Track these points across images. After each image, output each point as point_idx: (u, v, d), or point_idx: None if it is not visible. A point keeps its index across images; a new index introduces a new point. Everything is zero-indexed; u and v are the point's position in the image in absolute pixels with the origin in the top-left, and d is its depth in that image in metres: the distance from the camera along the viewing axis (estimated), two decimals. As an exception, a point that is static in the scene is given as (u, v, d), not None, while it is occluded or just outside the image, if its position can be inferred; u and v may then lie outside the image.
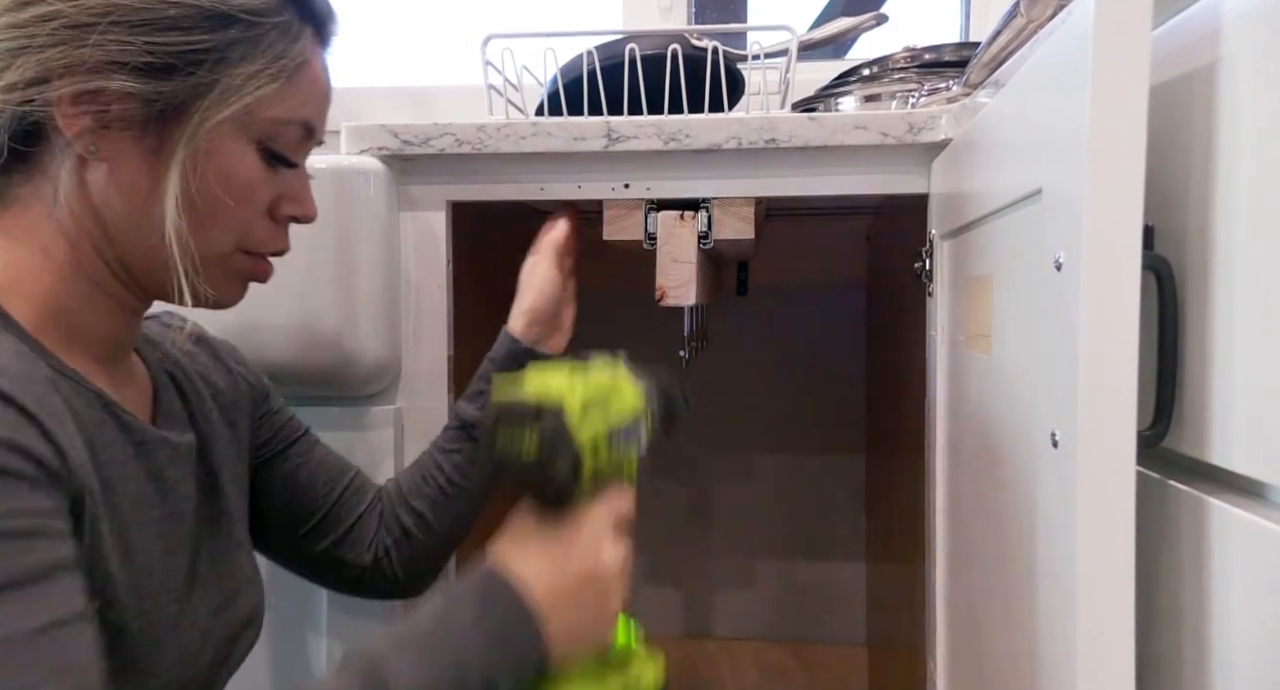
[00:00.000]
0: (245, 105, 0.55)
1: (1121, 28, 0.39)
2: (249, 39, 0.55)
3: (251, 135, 0.57)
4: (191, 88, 0.54)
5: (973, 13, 1.40)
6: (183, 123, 0.54)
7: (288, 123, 0.58)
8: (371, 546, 0.77)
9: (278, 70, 0.56)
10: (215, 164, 0.56)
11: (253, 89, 0.55)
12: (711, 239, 0.87)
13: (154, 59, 0.52)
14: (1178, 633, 0.45)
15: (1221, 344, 0.42)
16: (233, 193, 0.57)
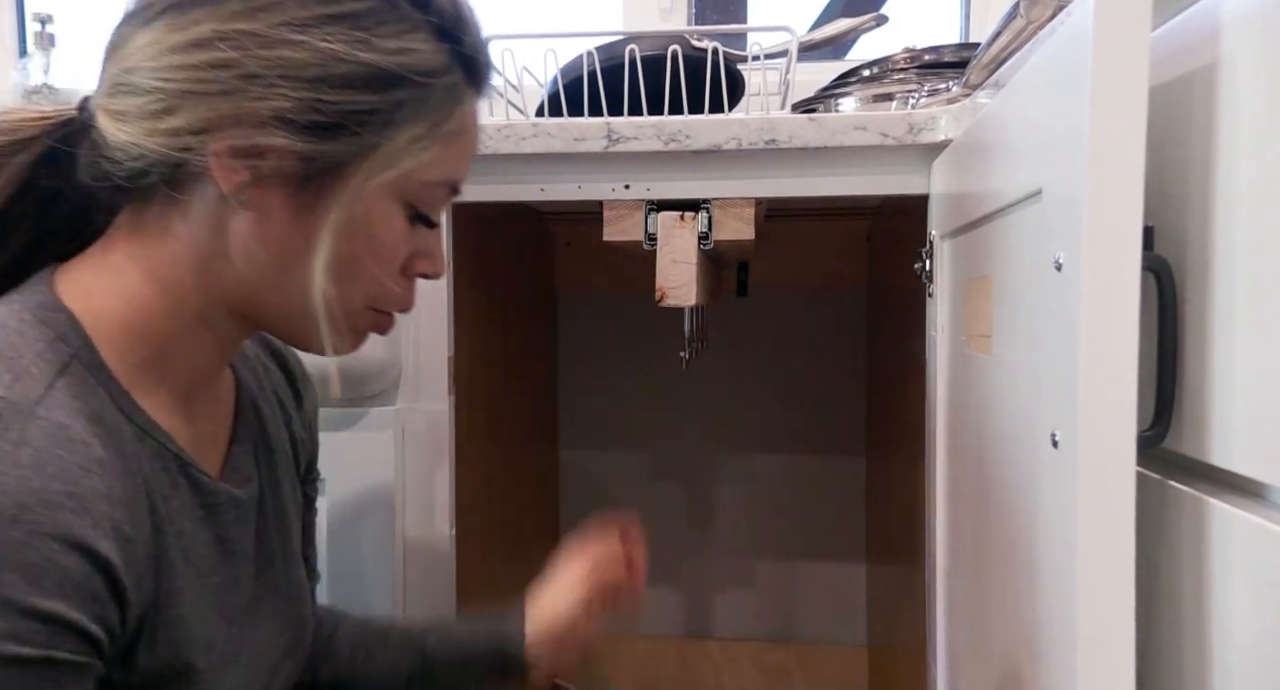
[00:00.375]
0: (406, 171, 0.53)
1: (1121, 28, 0.39)
2: (415, 100, 0.52)
3: (401, 197, 0.54)
4: (353, 149, 0.51)
5: (972, 14, 1.40)
6: (339, 184, 0.52)
7: (439, 184, 0.56)
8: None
9: (439, 135, 0.54)
10: (363, 224, 0.53)
11: (414, 153, 0.53)
12: (711, 240, 0.87)
13: (320, 117, 0.50)
14: (1178, 633, 0.45)
15: (1221, 344, 0.42)
16: (375, 254, 0.55)
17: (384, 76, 0.51)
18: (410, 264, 0.58)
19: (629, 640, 1.60)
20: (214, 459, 0.59)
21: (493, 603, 0.77)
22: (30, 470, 0.44)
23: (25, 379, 0.47)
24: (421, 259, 0.58)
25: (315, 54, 0.49)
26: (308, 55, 0.49)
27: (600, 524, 0.78)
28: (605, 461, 1.60)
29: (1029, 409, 0.50)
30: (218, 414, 0.61)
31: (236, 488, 0.59)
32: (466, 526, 0.99)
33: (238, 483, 0.60)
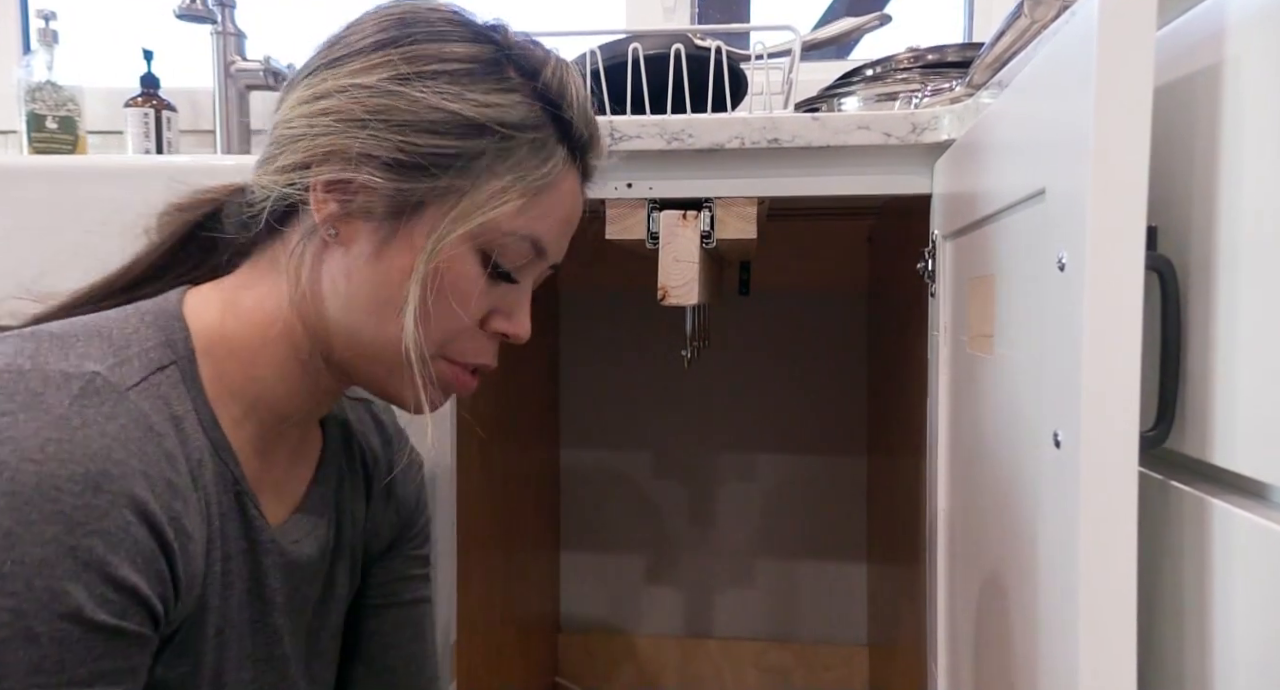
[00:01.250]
0: (487, 220, 0.55)
1: (1126, 28, 0.39)
2: (499, 151, 0.54)
3: (480, 245, 0.56)
4: (433, 190, 0.54)
5: (976, 13, 1.40)
6: (418, 224, 0.54)
7: (517, 237, 0.56)
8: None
9: (524, 188, 0.55)
10: (439, 269, 0.55)
11: (493, 202, 0.54)
12: (714, 239, 0.87)
13: (404, 157, 0.53)
14: (1180, 633, 0.45)
15: (1224, 345, 0.42)
16: (448, 299, 0.55)
17: (469, 125, 0.54)
18: (489, 319, 0.59)
19: (631, 639, 1.60)
20: (278, 509, 0.60)
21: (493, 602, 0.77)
22: (115, 441, 0.46)
23: (126, 366, 0.51)
24: (501, 316, 0.59)
25: (410, 102, 0.53)
26: (404, 103, 0.53)
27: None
28: (606, 460, 1.60)
29: (1031, 409, 0.50)
30: (296, 470, 0.62)
31: (287, 541, 0.60)
32: (467, 525, 0.99)
33: (290, 539, 0.60)
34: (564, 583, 1.62)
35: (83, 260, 0.92)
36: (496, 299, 0.58)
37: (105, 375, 0.49)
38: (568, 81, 0.58)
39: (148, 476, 0.47)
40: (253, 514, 0.56)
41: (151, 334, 0.54)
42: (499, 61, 0.56)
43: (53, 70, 1.30)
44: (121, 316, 0.55)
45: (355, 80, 0.54)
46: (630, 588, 1.61)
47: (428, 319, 0.55)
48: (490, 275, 0.56)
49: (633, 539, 1.60)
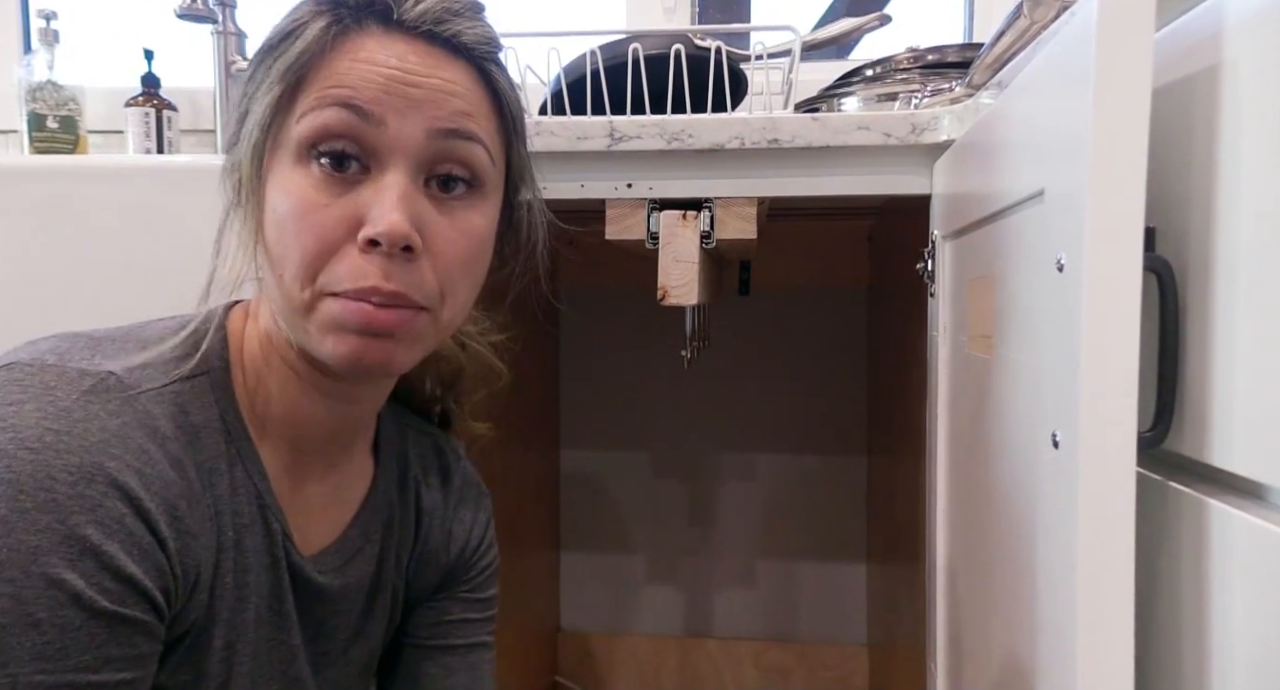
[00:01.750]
0: (265, 122, 0.51)
1: (1124, 30, 0.39)
2: (265, 65, 0.52)
3: (293, 153, 0.51)
4: (242, 124, 0.53)
5: (976, 14, 1.40)
6: (248, 173, 0.53)
7: (315, 111, 0.50)
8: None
9: (280, 71, 0.51)
10: (271, 199, 0.52)
11: (269, 102, 0.51)
12: (714, 239, 0.87)
13: (238, 123, 0.54)
14: (1177, 633, 0.45)
15: (1222, 346, 0.42)
16: (286, 226, 0.50)
17: (256, 60, 0.53)
18: (351, 231, 0.51)
19: (630, 638, 1.60)
20: (314, 538, 0.59)
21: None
22: (114, 437, 0.47)
23: (147, 370, 0.51)
24: (358, 221, 0.51)
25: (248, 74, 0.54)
26: (245, 78, 0.54)
27: None
28: (606, 460, 1.60)
29: (1030, 409, 0.50)
30: (340, 500, 0.61)
31: (319, 572, 0.58)
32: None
33: (323, 569, 0.59)
34: (563, 582, 1.62)
35: (83, 260, 0.92)
36: (350, 206, 0.50)
37: (121, 376, 0.49)
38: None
39: (142, 474, 0.47)
40: (275, 529, 0.55)
41: (187, 342, 0.53)
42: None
43: (53, 70, 1.30)
44: (166, 325, 0.55)
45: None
46: (630, 587, 1.61)
47: (282, 256, 0.50)
48: (322, 180, 0.50)
49: (632, 539, 1.60)
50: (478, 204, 0.54)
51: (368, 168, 0.51)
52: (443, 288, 0.53)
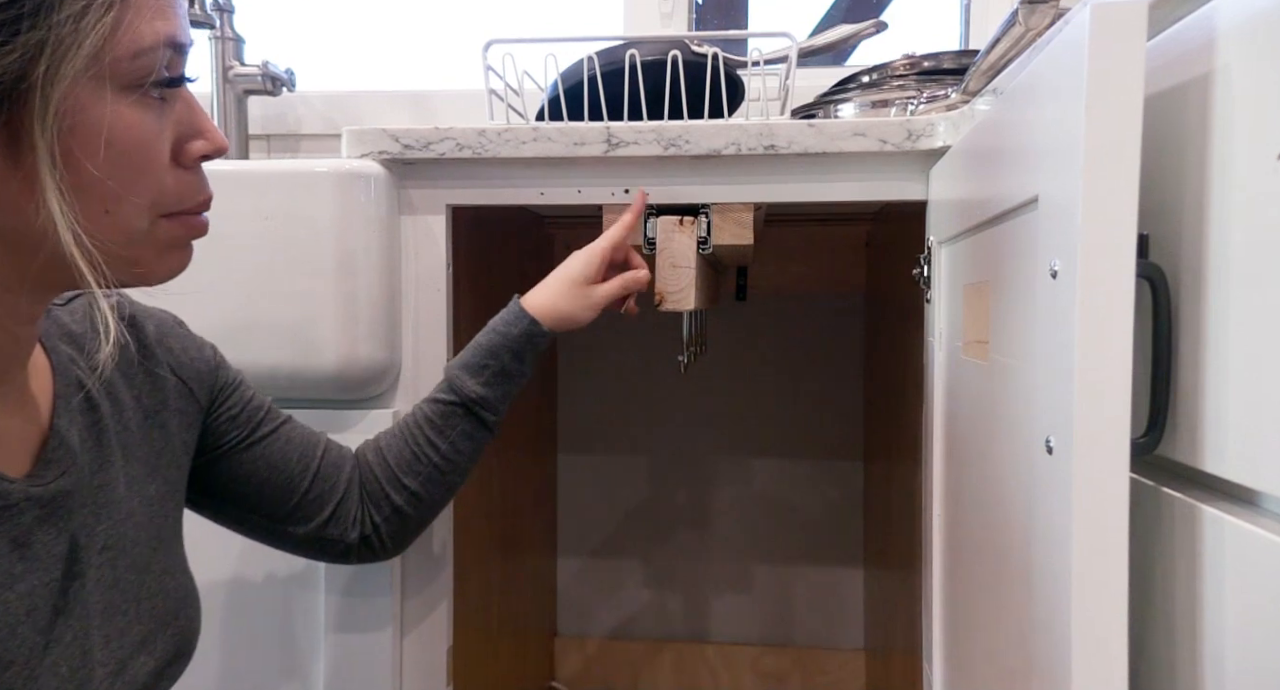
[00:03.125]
0: (89, 53, 0.45)
1: (1117, 37, 0.40)
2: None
3: (116, 84, 0.47)
4: (17, 56, 0.44)
5: (972, 21, 1.41)
6: (26, 102, 0.44)
7: (149, 50, 0.47)
8: (357, 524, 0.76)
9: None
10: (90, 136, 0.46)
11: (88, 30, 0.45)
12: (710, 244, 0.87)
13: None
14: (1171, 639, 0.45)
15: (1215, 352, 0.42)
16: (125, 162, 0.48)
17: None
18: (181, 152, 0.52)
19: (627, 643, 1.60)
20: (22, 455, 0.54)
21: (490, 606, 0.77)
22: None
23: None
24: (192, 141, 0.52)
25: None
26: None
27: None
28: (603, 465, 1.60)
29: (1024, 415, 0.50)
30: (29, 404, 0.55)
31: (42, 485, 0.53)
32: (464, 529, 0.99)
33: (48, 478, 0.54)
34: (560, 586, 1.62)
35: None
36: (176, 127, 0.51)
37: None
38: None
39: None
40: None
41: None
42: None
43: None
44: None
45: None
46: (627, 592, 1.61)
47: (122, 194, 0.48)
48: (151, 108, 0.49)
49: (629, 543, 1.60)
50: None
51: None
52: None
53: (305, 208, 0.84)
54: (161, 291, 0.57)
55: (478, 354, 0.80)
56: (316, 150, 1.42)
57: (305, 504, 0.74)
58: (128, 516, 0.60)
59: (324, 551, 0.77)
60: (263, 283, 0.84)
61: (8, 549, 0.51)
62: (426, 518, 0.80)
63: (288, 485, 0.73)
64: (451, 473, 0.79)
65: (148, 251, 0.51)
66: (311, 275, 0.84)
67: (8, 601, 0.50)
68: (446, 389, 0.79)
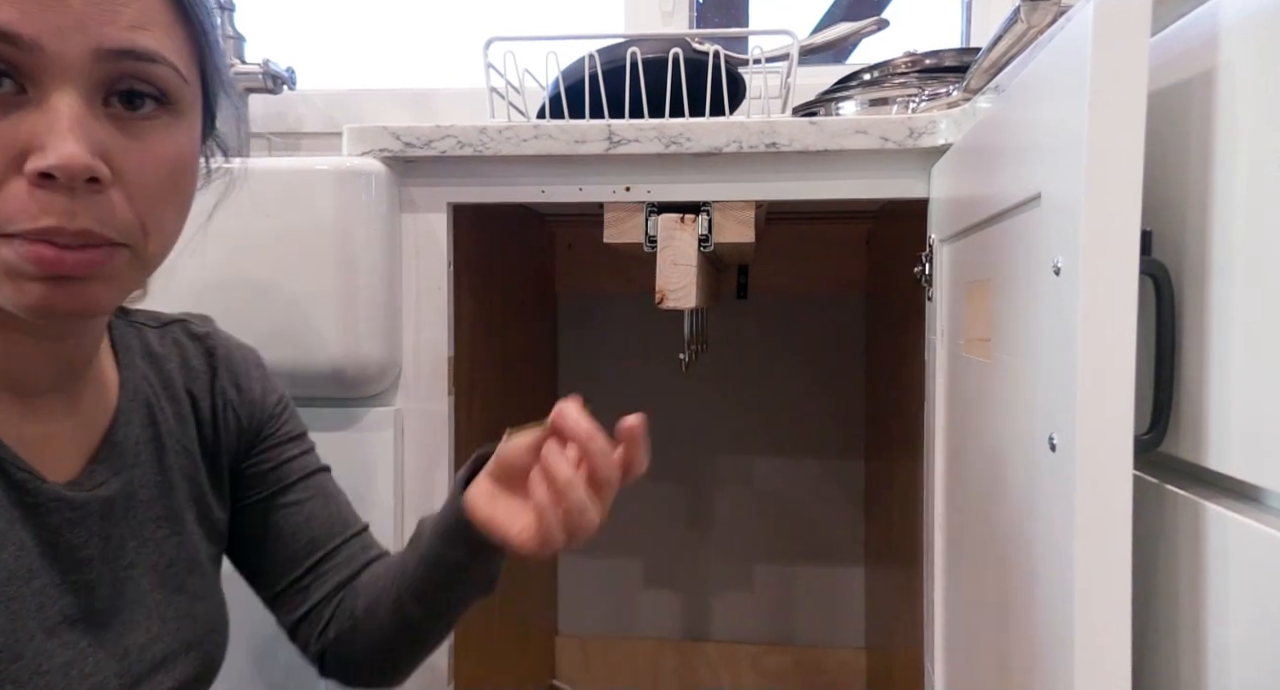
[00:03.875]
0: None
1: (1120, 34, 0.40)
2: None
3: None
4: None
5: (974, 18, 1.40)
6: None
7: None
8: (316, 639, 0.69)
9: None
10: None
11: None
12: (712, 242, 0.87)
13: None
14: (1174, 636, 0.45)
15: (1218, 349, 0.42)
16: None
17: None
18: (18, 164, 0.44)
19: (628, 642, 1.60)
20: (70, 461, 0.55)
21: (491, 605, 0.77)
22: None
23: None
24: (34, 153, 0.44)
25: None
26: None
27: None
28: (604, 463, 1.59)
29: (1027, 412, 0.50)
30: (85, 415, 0.57)
31: (79, 491, 0.54)
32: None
33: (86, 487, 0.55)
34: (561, 585, 1.62)
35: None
36: (12, 133, 0.44)
37: None
38: None
39: None
40: (17, 477, 0.51)
41: None
42: None
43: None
44: None
45: None
46: (628, 591, 1.61)
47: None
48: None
49: (630, 542, 1.60)
50: (172, 124, 0.49)
51: (24, 88, 0.44)
52: (143, 220, 0.48)
53: (306, 206, 0.84)
54: (161, 293, 0.57)
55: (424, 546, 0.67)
56: (317, 148, 1.42)
57: (293, 592, 0.68)
58: (164, 538, 0.61)
59: (299, 647, 0.70)
60: (263, 280, 0.84)
61: (32, 543, 0.51)
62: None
63: (285, 562, 0.68)
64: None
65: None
66: (312, 273, 0.84)
67: (23, 595, 0.51)
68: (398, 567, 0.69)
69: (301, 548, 0.68)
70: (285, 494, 0.68)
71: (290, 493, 0.68)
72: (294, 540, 0.68)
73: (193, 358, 0.66)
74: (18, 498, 0.51)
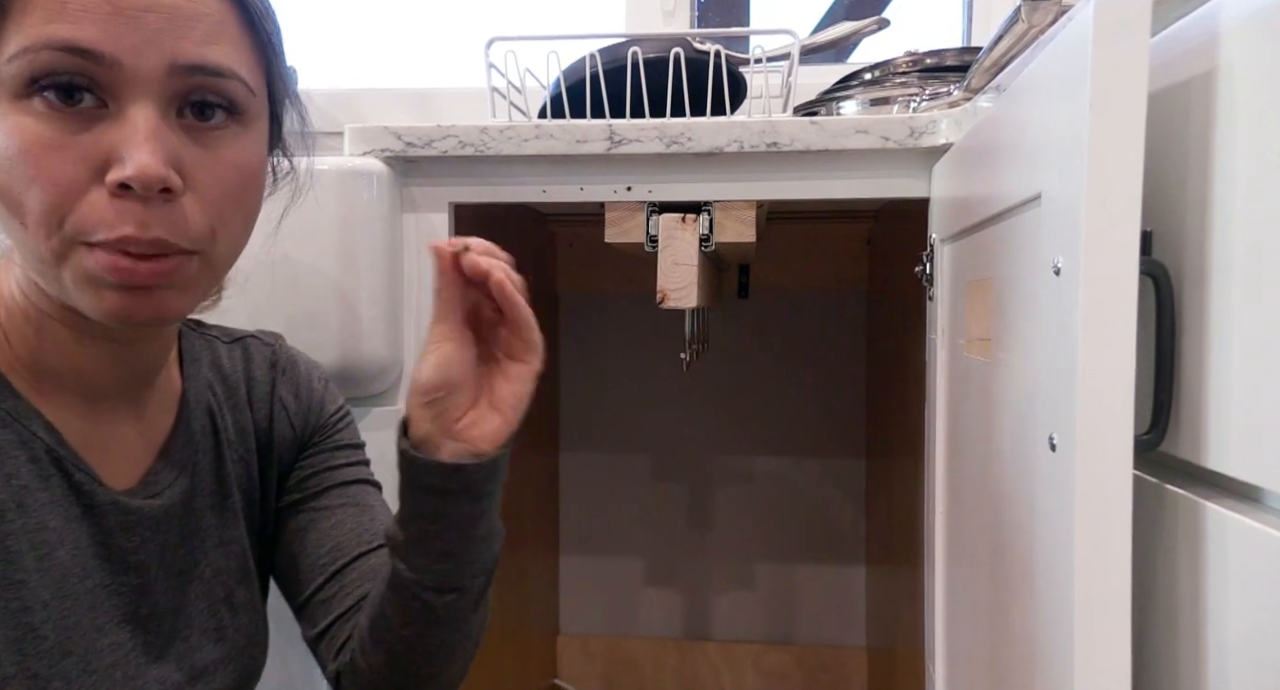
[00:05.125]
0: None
1: (1120, 34, 0.40)
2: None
3: (7, 90, 0.45)
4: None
5: (975, 18, 1.40)
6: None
7: (30, 51, 0.44)
8: (335, 657, 0.64)
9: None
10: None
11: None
12: (713, 242, 0.87)
13: None
14: (1174, 636, 0.45)
15: (1218, 349, 0.42)
16: (16, 171, 0.45)
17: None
18: (100, 174, 0.46)
19: (630, 641, 1.60)
20: (130, 467, 0.56)
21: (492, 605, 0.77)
22: None
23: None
24: (114, 165, 0.46)
25: None
26: None
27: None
28: (605, 463, 1.60)
29: (1027, 412, 0.50)
30: (148, 422, 0.58)
31: (136, 498, 0.55)
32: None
33: (142, 495, 0.56)
34: (563, 585, 1.62)
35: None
36: (95, 146, 0.46)
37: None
38: None
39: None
40: (78, 478, 0.52)
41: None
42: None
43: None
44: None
45: None
46: (629, 590, 1.61)
47: (26, 209, 0.45)
48: (53, 119, 0.45)
49: (632, 541, 1.60)
50: (241, 133, 0.51)
51: (105, 102, 0.46)
52: (213, 226, 0.49)
53: (307, 205, 0.84)
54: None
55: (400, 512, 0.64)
56: (319, 148, 1.42)
57: (315, 604, 0.65)
58: (214, 548, 0.61)
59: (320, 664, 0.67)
60: (265, 280, 0.84)
61: (88, 543, 0.53)
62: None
63: (308, 569, 0.65)
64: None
65: (67, 279, 0.47)
66: (313, 273, 0.84)
67: (77, 593, 0.52)
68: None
69: (325, 554, 0.65)
70: (318, 499, 0.66)
71: (324, 498, 0.66)
72: (318, 546, 0.65)
73: (257, 368, 0.66)
74: (76, 498, 0.52)
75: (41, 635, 0.49)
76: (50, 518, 0.51)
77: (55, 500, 0.51)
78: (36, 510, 0.50)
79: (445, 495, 0.57)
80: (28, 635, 0.49)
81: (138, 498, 0.55)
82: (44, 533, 0.50)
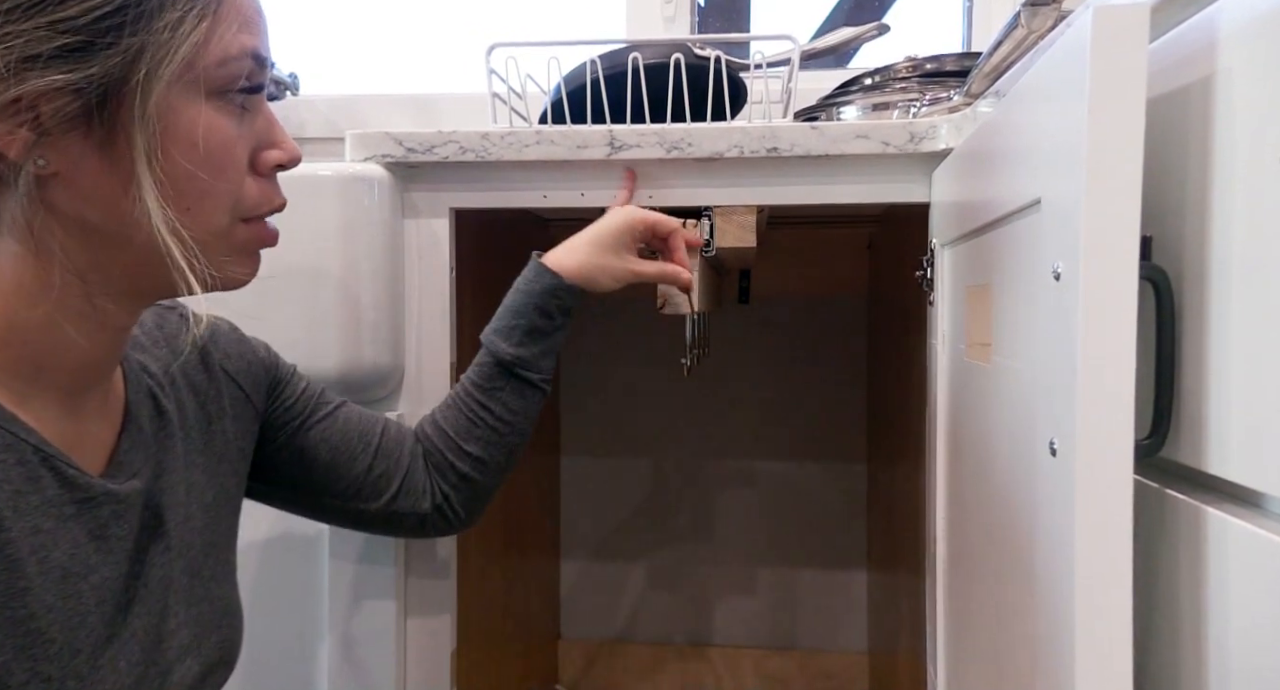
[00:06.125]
0: (183, 59, 0.49)
1: (1119, 40, 0.40)
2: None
3: (205, 89, 0.51)
4: (119, 60, 0.47)
5: (974, 23, 1.41)
6: (125, 102, 0.48)
7: (235, 59, 0.51)
8: (427, 494, 0.78)
9: (201, 6, 0.49)
10: (180, 136, 0.50)
11: (183, 38, 0.49)
12: (713, 247, 0.87)
13: (67, 39, 0.46)
14: (1175, 641, 0.45)
15: (1218, 354, 0.42)
16: (209, 162, 0.51)
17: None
18: (259, 160, 0.55)
19: (630, 646, 1.60)
20: (100, 456, 0.57)
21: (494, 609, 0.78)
22: None
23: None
24: (266, 149, 0.56)
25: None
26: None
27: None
28: (606, 468, 1.60)
29: (1028, 417, 0.50)
30: (108, 410, 0.58)
31: (117, 483, 0.56)
32: (468, 534, 0.99)
33: (121, 479, 0.57)
34: (564, 589, 1.62)
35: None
36: (254, 136, 0.55)
37: None
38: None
39: None
40: (69, 474, 0.52)
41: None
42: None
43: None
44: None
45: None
46: (630, 595, 1.61)
47: (205, 193, 0.51)
48: (234, 116, 0.53)
49: (632, 546, 1.60)
50: None
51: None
52: None
53: (309, 211, 0.84)
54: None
55: (505, 315, 0.81)
56: (320, 154, 1.42)
57: (372, 481, 0.76)
58: (186, 520, 0.62)
59: (400, 526, 0.78)
60: (265, 286, 0.84)
61: (86, 539, 0.53)
62: (494, 482, 0.81)
63: (351, 464, 0.75)
64: (510, 434, 0.80)
65: (224, 254, 0.55)
66: (315, 278, 0.84)
67: (81, 591, 0.52)
68: (485, 354, 0.80)
69: (356, 440, 0.75)
70: (316, 412, 0.75)
71: (319, 410, 0.75)
72: (345, 439, 0.75)
73: (175, 334, 0.66)
74: (69, 495, 0.53)
75: (49, 638, 0.50)
76: (43, 521, 0.51)
77: (47, 502, 0.51)
78: (30, 514, 0.50)
79: (569, 313, 0.82)
80: (36, 641, 0.49)
81: (116, 483, 0.56)
82: (40, 536, 0.51)
